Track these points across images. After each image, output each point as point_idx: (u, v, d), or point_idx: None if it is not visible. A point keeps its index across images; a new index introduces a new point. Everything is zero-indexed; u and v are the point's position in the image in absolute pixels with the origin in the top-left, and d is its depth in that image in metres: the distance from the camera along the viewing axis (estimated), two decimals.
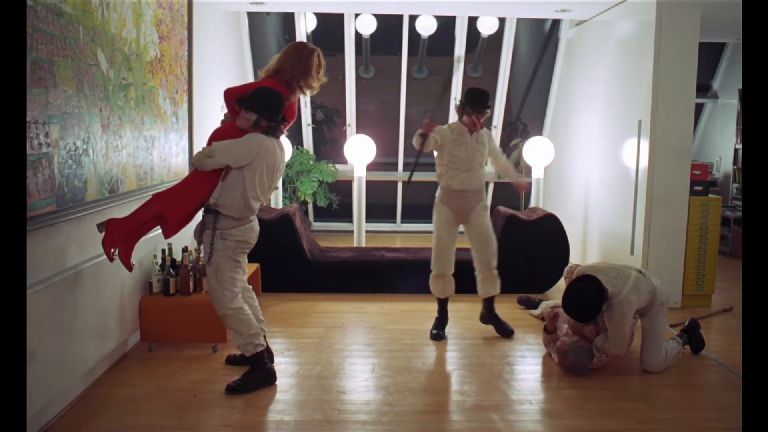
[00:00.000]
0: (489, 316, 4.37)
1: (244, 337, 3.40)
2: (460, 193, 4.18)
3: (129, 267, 3.26)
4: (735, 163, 7.74)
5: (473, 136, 4.14)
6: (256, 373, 3.44)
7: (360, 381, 3.58)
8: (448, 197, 4.21)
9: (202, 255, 3.47)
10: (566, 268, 4.60)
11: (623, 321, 3.56)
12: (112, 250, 3.15)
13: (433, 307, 4.45)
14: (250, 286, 3.68)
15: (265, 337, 3.61)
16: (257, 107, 3.27)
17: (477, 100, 4.09)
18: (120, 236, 3.17)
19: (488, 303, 4.35)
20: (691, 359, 3.99)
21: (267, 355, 3.54)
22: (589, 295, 3.54)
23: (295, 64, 3.53)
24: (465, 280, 5.49)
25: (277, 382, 3.50)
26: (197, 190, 3.29)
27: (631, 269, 3.72)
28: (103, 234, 3.16)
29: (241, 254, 3.41)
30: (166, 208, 3.25)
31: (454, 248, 4.28)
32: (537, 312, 4.76)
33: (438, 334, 4.29)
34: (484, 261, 4.26)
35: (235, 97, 3.37)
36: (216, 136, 3.39)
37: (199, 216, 3.50)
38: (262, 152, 3.26)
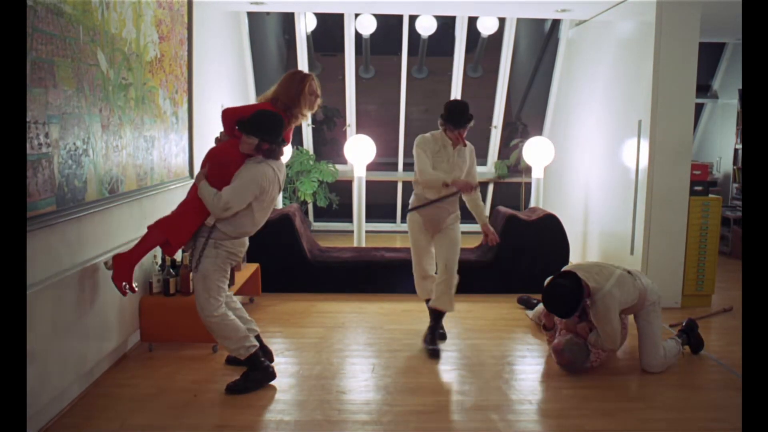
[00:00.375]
0: (432, 322, 4.12)
1: (234, 341, 3.41)
2: (433, 202, 4.03)
3: (134, 290, 3.39)
4: (735, 163, 7.75)
5: (456, 149, 4.01)
6: (255, 372, 3.45)
7: (360, 381, 3.59)
8: (426, 205, 4.05)
9: (190, 261, 3.49)
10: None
11: (608, 315, 3.57)
12: (124, 284, 3.27)
13: None
14: (231, 293, 3.70)
15: (259, 336, 3.63)
16: (258, 132, 3.28)
17: (458, 119, 3.93)
18: (127, 270, 3.28)
19: (434, 312, 4.11)
20: (691, 359, 3.99)
21: (263, 354, 3.55)
22: (567, 291, 3.55)
23: (288, 91, 3.51)
24: (462, 280, 5.51)
25: (277, 382, 3.50)
26: (199, 212, 3.33)
27: (618, 268, 3.75)
28: (111, 271, 3.29)
29: (229, 265, 3.44)
30: (172, 235, 3.31)
31: (430, 252, 4.16)
32: (531, 314, 4.75)
33: (434, 350, 4.01)
34: (444, 266, 4.03)
35: (233, 119, 3.37)
36: (212, 156, 3.39)
37: None
38: (268, 182, 3.32)
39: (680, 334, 4.03)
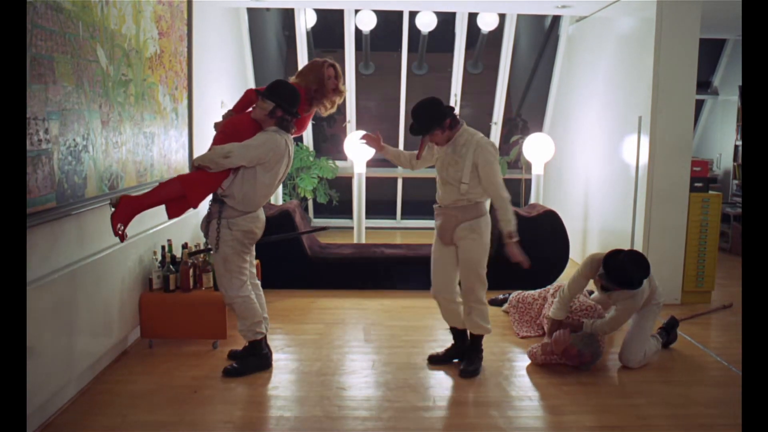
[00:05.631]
0: (469, 347, 3.75)
1: (247, 323, 3.52)
2: (439, 208, 3.62)
3: (123, 239, 3.21)
4: (735, 159, 7.74)
5: (447, 146, 3.50)
6: (253, 358, 3.57)
7: (360, 377, 3.59)
8: (435, 213, 3.70)
9: (208, 245, 3.52)
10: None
11: (634, 309, 3.71)
12: (119, 225, 3.14)
13: (433, 303, 4.39)
14: (258, 282, 3.72)
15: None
16: (275, 96, 3.34)
17: (413, 128, 3.49)
18: (130, 214, 3.18)
19: (473, 336, 3.73)
20: (691, 356, 3.99)
21: (266, 345, 3.64)
22: (645, 269, 3.64)
23: (309, 75, 3.66)
24: None
25: (277, 379, 3.52)
26: (220, 174, 3.31)
27: None
28: (113, 209, 3.14)
29: (247, 243, 3.46)
30: (190, 189, 3.26)
31: (447, 269, 3.66)
32: (506, 306, 4.79)
33: (436, 356, 3.81)
34: (464, 292, 3.65)
35: (253, 96, 3.47)
36: (227, 125, 3.42)
37: (203, 209, 3.54)
38: (278, 152, 3.33)
39: (660, 331, 4.06)
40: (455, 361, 3.79)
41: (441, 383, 3.56)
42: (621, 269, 3.59)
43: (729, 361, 3.89)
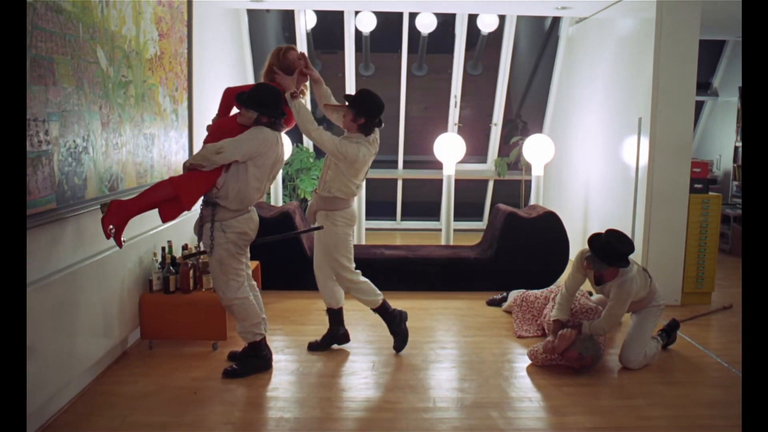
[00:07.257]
0: (389, 325, 3.98)
1: (246, 325, 3.52)
2: (314, 192, 3.93)
3: (120, 244, 3.24)
4: (735, 160, 7.74)
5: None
6: (253, 359, 3.57)
7: (360, 378, 3.59)
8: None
9: (202, 248, 3.51)
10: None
11: (627, 299, 3.66)
12: (110, 227, 3.13)
13: (433, 305, 4.42)
14: (255, 283, 3.73)
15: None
16: (256, 105, 3.33)
17: None
18: (122, 217, 3.18)
19: (376, 311, 3.99)
20: (691, 357, 3.99)
21: (265, 346, 3.63)
22: (625, 249, 3.63)
23: (280, 65, 3.66)
24: (462, 278, 5.49)
25: (276, 380, 3.52)
26: (210, 174, 3.32)
27: (636, 264, 3.81)
28: (103, 213, 3.14)
29: (242, 245, 3.45)
30: (183, 190, 3.27)
31: (320, 248, 3.98)
32: (505, 305, 4.83)
33: (314, 343, 4.03)
34: (335, 277, 3.95)
35: (233, 97, 3.43)
36: (216, 128, 3.44)
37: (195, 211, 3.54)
38: (269, 146, 3.33)
39: (661, 333, 4.07)
40: (335, 346, 4.00)
41: (441, 384, 3.56)
42: (606, 244, 3.62)
43: (729, 362, 3.89)
